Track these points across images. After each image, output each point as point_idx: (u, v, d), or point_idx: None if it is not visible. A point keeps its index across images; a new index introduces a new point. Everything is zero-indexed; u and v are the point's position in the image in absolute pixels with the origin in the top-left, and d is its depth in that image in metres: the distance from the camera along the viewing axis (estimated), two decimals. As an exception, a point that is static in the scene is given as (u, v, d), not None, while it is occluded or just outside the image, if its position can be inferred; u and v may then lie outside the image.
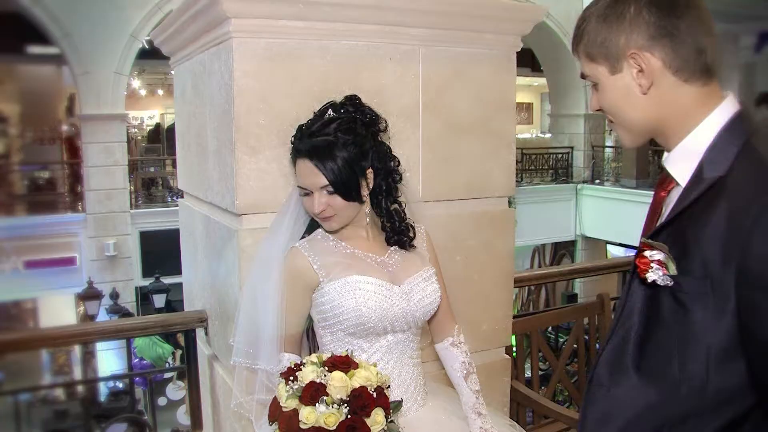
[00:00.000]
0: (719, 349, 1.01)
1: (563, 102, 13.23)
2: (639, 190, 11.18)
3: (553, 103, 13.76)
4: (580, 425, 1.22)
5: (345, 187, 1.56)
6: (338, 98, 1.66)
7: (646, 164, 11.73)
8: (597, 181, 13.09)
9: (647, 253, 1.08)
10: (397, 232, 1.70)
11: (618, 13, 1.09)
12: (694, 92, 1.09)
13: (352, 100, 1.65)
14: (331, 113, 1.62)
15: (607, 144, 14.06)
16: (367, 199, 1.64)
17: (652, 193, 1.20)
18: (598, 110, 1.20)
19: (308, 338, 1.74)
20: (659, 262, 1.07)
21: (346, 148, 1.56)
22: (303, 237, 1.69)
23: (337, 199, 1.57)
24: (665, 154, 1.15)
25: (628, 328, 1.14)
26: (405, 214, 1.72)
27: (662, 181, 1.19)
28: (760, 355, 0.98)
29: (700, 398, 1.04)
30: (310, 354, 1.73)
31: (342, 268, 1.61)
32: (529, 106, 19.47)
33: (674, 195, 1.13)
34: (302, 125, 1.63)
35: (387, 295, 1.59)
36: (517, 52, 2.09)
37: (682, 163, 1.10)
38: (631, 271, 1.16)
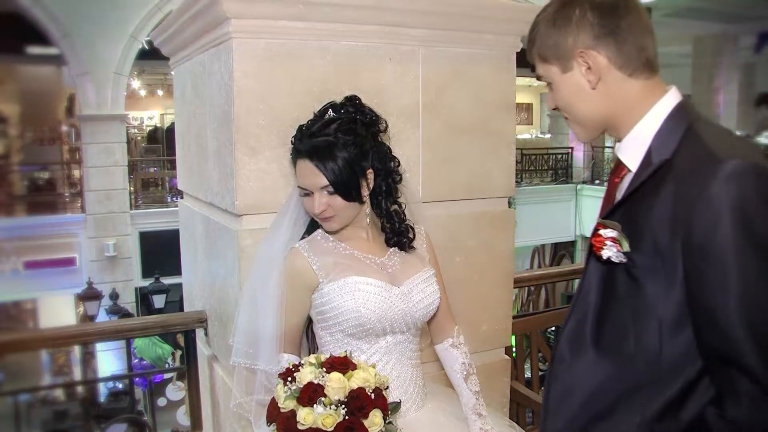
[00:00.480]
0: (670, 320, 1.10)
1: (563, 102, 13.20)
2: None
3: (553, 104, 13.73)
4: (543, 400, 1.29)
5: (345, 188, 1.56)
6: (338, 99, 1.66)
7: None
8: (597, 181, 13.11)
9: (602, 231, 1.17)
10: (397, 233, 1.70)
11: (565, 17, 1.20)
12: (639, 86, 1.19)
13: (352, 101, 1.65)
14: (332, 114, 1.62)
15: (607, 144, 14.07)
16: (367, 199, 1.64)
17: None
18: (554, 109, 1.29)
19: (307, 339, 1.75)
20: (613, 240, 1.15)
21: (347, 148, 1.56)
22: (303, 237, 1.69)
23: (338, 200, 1.57)
24: (617, 144, 1.24)
25: (586, 306, 1.23)
26: (405, 215, 1.72)
27: (615, 168, 1.27)
28: (705, 321, 1.06)
29: (654, 368, 1.12)
30: (309, 354, 1.73)
31: (341, 269, 1.61)
32: (528, 107, 19.47)
33: (627, 180, 1.21)
34: (302, 126, 1.63)
35: (386, 296, 1.59)
36: (517, 53, 2.09)
37: (632, 151, 1.19)
38: (588, 251, 1.23)
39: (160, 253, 9.94)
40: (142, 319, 2.41)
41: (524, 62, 1.63)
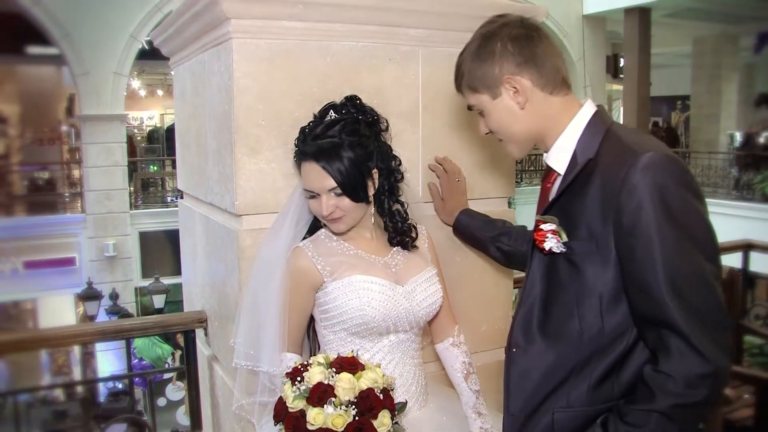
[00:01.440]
0: (609, 296, 1.27)
1: (563, 103, 13.20)
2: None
3: (553, 104, 13.73)
4: (504, 383, 1.42)
5: (353, 188, 1.56)
6: (338, 99, 1.66)
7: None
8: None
9: (542, 226, 1.33)
10: (400, 233, 1.70)
11: (488, 51, 1.36)
12: (559, 101, 1.38)
13: (353, 101, 1.65)
14: (333, 114, 1.62)
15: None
16: (372, 199, 1.64)
17: None
18: (487, 133, 1.46)
19: (308, 338, 1.74)
20: (553, 231, 1.32)
21: (352, 149, 1.55)
22: (305, 237, 1.69)
23: (345, 201, 1.57)
24: (545, 154, 1.41)
25: (534, 296, 1.38)
26: (407, 214, 1.73)
27: (546, 175, 1.45)
28: (638, 290, 1.23)
29: (598, 340, 1.29)
30: (310, 353, 1.73)
31: (346, 268, 1.61)
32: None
33: (557, 183, 1.38)
34: (305, 127, 1.62)
35: (390, 295, 1.59)
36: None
37: (559, 157, 1.37)
38: (531, 246, 1.40)
39: (160, 253, 9.96)
40: (141, 319, 2.41)
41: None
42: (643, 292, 1.22)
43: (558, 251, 1.32)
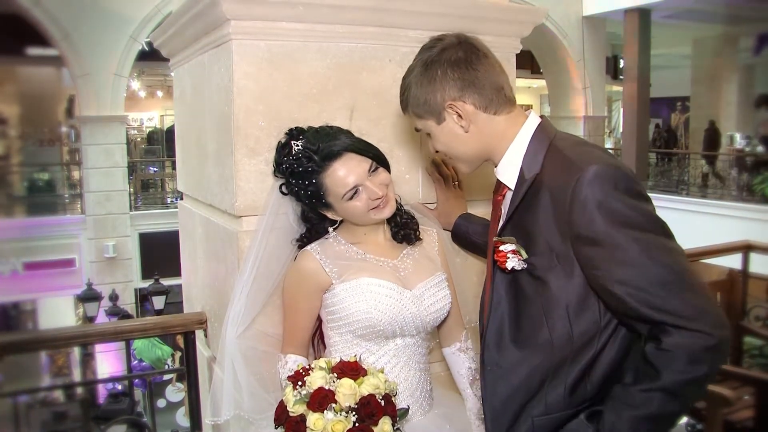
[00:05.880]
0: (575, 303, 1.31)
1: (562, 104, 13.23)
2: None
3: (553, 105, 13.76)
4: (482, 398, 1.45)
5: (383, 157, 1.62)
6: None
7: (645, 167, 11.74)
8: (596, 182, 13.08)
9: (501, 247, 1.37)
10: (402, 226, 1.69)
11: (430, 77, 1.38)
12: (503, 120, 1.41)
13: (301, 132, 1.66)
14: (300, 138, 1.64)
15: (607, 146, 14.07)
16: None
17: (652, 195, 1.36)
18: (437, 152, 1.50)
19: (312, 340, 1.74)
20: (513, 251, 1.35)
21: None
22: (305, 237, 1.69)
23: (383, 175, 1.60)
24: (495, 168, 1.46)
25: (501, 313, 1.41)
26: (402, 205, 1.72)
27: (497, 188, 1.51)
28: (607, 295, 1.27)
29: (569, 347, 1.32)
30: (315, 355, 1.73)
31: (354, 270, 1.60)
32: (528, 108, 19.38)
33: (509, 197, 1.42)
34: (314, 145, 1.59)
35: (398, 298, 1.59)
36: (517, 54, 2.09)
37: (508, 172, 1.41)
38: (492, 267, 1.43)
39: (160, 254, 9.95)
40: (141, 321, 2.41)
41: (524, 64, 1.65)
42: (613, 296, 1.25)
43: (520, 269, 1.35)
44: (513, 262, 1.35)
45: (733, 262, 3.56)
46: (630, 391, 1.25)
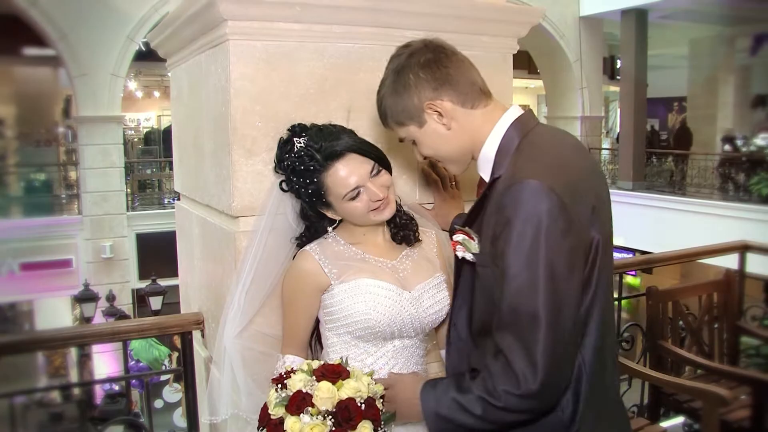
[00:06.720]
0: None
1: (560, 104, 13.25)
2: (635, 192, 11.19)
3: (550, 106, 13.78)
4: (446, 366, 1.53)
5: (385, 159, 1.61)
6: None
7: (642, 167, 11.75)
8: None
9: (454, 237, 1.42)
10: (401, 227, 1.69)
11: (404, 84, 1.40)
12: (480, 114, 1.42)
13: (305, 130, 1.66)
14: (304, 136, 1.63)
15: (604, 146, 14.08)
16: None
17: (649, 195, 1.35)
18: (424, 158, 1.52)
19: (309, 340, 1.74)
20: (460, 243, 1.40)
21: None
22: (304, 236, 1.68)
23: (385, 177, 1.59)
24: (477, 163, 1.45)
25: (463, 296, 1.48)
26: (401, 206, 1.72)
27: (480, 182, 1.54)
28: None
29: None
30: (312, 356, 1.73)
31: (354, 271, 1.60)
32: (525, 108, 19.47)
33: None
34: (316, 142, 1.58)
35: (397, 300, 1.58)
36: (514, 54, 2.09)
37: (484, 168, 1.42)
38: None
39: (157, 254, 9.94)
40: (138, 321, 2.40)
41: (521, 64, 1.65)
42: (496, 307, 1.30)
43: (469, 259, 1.40)
44: (461, 253, 1.40)
45: (730, 262, 3.57)
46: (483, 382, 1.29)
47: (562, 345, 1.24)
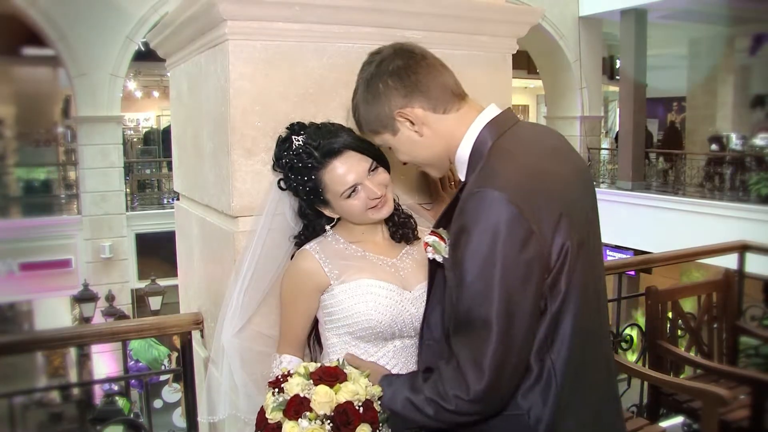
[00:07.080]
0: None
1: (559, 104, 13.25)
2: (635, 192, 11.19)
3: (549, 106, 13.78)
4: (418, 366, 1.55)
5: (383, 156, 1.60)
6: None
7: (641, 167, 11.75)
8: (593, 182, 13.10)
9: (425, 238, 1.42)
10: (400, 225, 1.69)
11: (374, 93, 1.40)
12: (454, 117, 1.40)
13: (304, 128, 1.65)
14: (302, 133, 1.62)
15: (603, 146, 14.08)
16: None
17: (648, 195, 1.34)
18: (404, 164, 1.52)
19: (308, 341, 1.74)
20: (430, 245, 1.40)
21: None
22: (303, 235, 1.68)
23: (383, 175, 1.59)
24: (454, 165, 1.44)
25: (436, 296, 1.48)
26: (399, 204, 1.72)
27: (459, 183, 1.50)
28: (450, 306, 1.34)
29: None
30: (311, 356, 1.73)
31: (354, 271, 1.59)
32: (525, 108, 19.51)
33: None
34: (314, 140, 1.58)
35: (398, 300, 1.58)
36: (513, 54, 2.09)
37: (461, 170, 1.41)
38: None
39: (156, 254, 9.94)
40: (138, 321, 2.40)
41: (520, 64, 1.65)
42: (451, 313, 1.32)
43: (439, 261, 1.40)
44: (431, 255, 1.41)
45: (730, 262, 3.57)
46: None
47: (513, 354, 1.25)
